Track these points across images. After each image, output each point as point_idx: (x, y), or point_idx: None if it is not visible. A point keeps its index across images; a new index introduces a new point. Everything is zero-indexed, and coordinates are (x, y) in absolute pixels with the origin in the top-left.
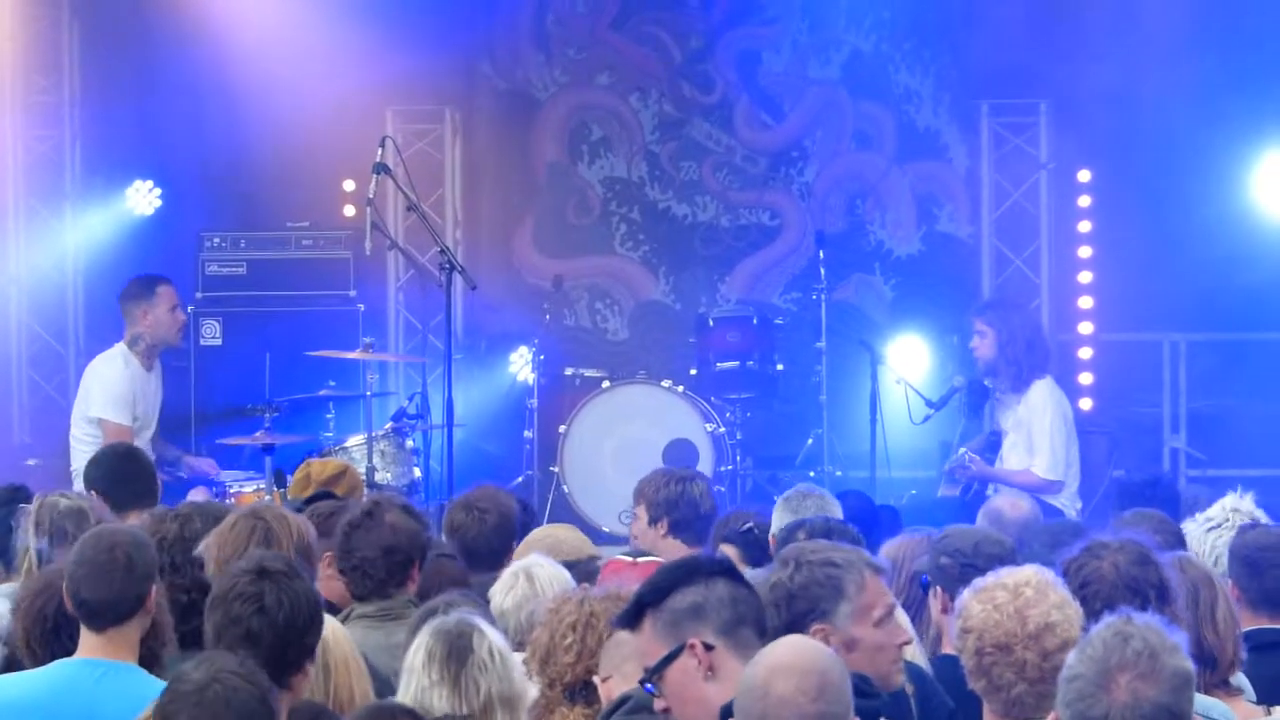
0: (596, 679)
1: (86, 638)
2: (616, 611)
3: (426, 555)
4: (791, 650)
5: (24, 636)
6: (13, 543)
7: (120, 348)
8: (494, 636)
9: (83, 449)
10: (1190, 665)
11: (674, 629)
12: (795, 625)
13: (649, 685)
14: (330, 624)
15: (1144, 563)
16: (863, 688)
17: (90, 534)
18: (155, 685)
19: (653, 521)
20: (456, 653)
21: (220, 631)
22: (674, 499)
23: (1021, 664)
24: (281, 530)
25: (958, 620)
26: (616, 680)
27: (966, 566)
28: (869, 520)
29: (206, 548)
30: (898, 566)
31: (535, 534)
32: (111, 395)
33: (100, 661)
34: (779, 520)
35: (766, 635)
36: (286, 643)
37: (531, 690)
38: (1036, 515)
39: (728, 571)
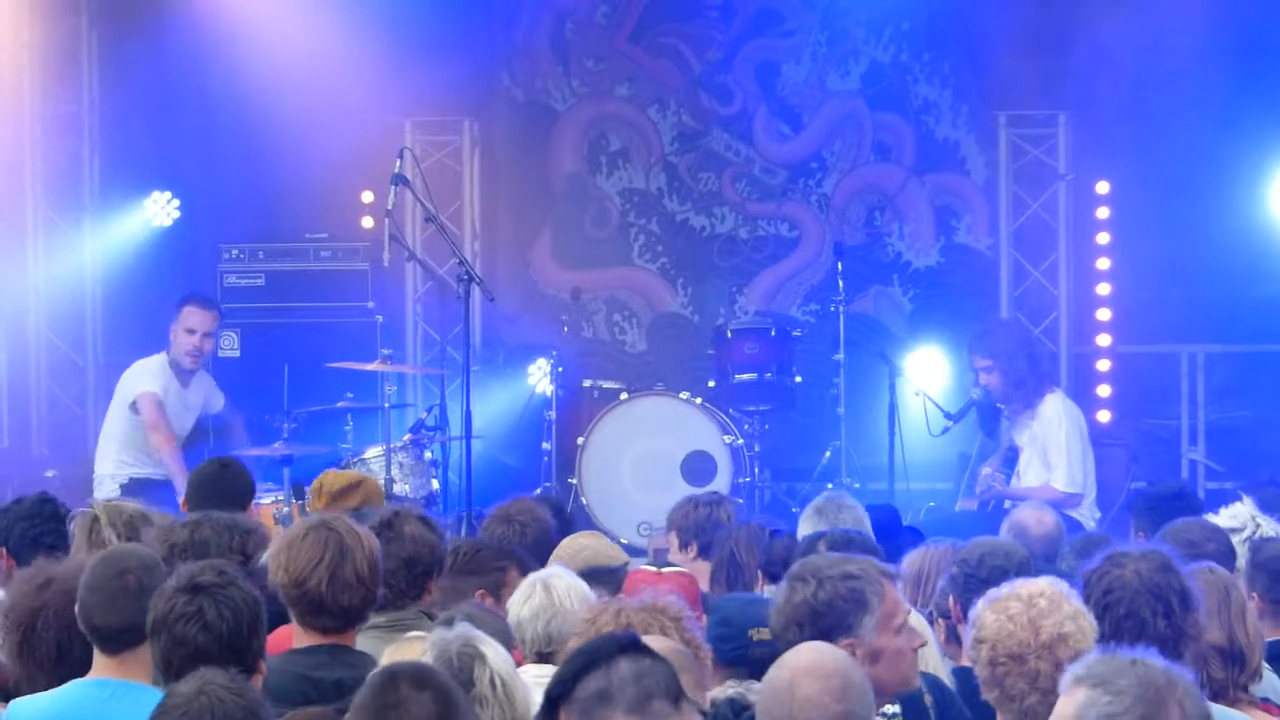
0: None
1: (99, 659)
2: (653, 622)
3: (443, 567)
4: (814, 654)
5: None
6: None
7: (160, 357)
8: (497, 661)
9: (111, 446)
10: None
11: (586, 718)
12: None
13: None
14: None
15: (1166, 570)
16: None
17: (100, 559)
18: None
19: (683, 546)
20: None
21: (168, 655)
22: (701, 523)
23: (1034, 674)
24: (354, 543)
25: (972, 631)
26: None
27: (969, 577)
28: (894, 535)
29: (274, 557)
30: (923, 577)
31: (567, 544)
32: (151, 374)
33: (110, 681)
34: (807, 529)
35: (682, 699)
36: (236, 651)
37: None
38: (1060, 529)
39: (627, 648)
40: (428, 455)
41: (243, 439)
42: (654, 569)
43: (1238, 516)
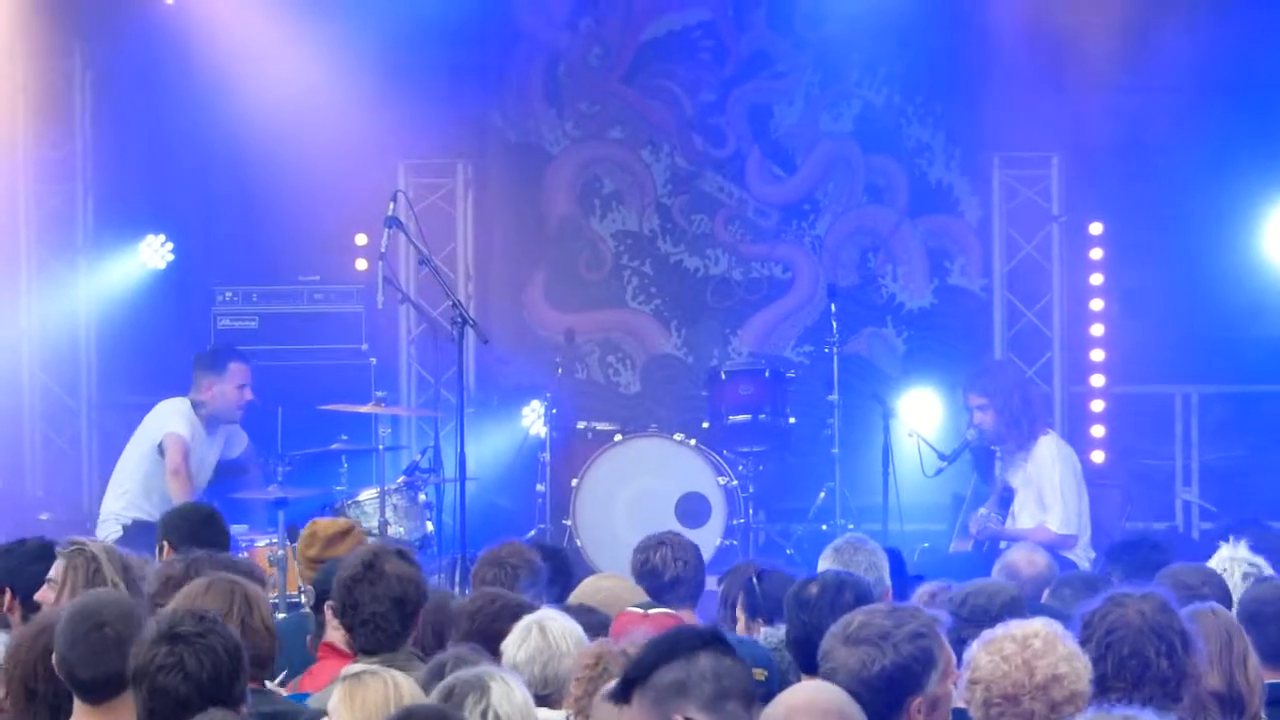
0: None
1: (81, 708)
2: None
3: (426, 599)
4: (811, 692)
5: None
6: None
7: (187, 402)
8: (501, 699)
9: (127, 486)
10: None
11: (659, 706)
12: (896, 704)
13: None
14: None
15: (1167, 611)
16: None
17: (76, 611)
18: None
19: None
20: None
21: (150, 705)
22: (638, 570)
23: (1029, 715)
24: (255, 592)
25: (966, 672)
26: None
27: (953, 616)
28: (897, 578)
29: None
30: None
31: (588, 584)
32: (181, 416)
33: None
34: (823, 569)
35: (755, 704)
36: (217, 698)
37: None
38: (1053, 570)
39: (711, 643)
40: (422, 498)
41: (257, 481)
42: (640, 610)
43: (1236, 561)
